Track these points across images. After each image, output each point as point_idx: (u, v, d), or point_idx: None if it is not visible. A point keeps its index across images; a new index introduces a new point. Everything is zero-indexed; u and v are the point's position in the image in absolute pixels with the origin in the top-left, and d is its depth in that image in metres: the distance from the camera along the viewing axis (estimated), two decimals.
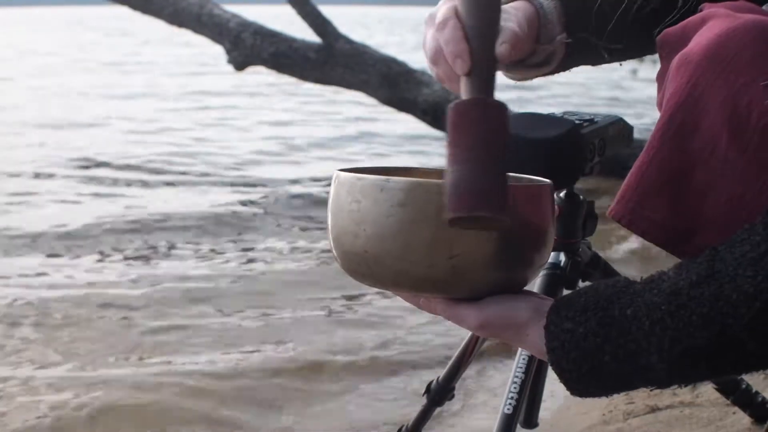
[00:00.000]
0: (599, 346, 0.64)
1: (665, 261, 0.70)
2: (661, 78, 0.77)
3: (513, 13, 0.75)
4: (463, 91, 0.67)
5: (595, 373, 0.65)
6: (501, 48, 0.68)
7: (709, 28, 0.71)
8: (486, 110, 0.65)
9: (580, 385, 0.66)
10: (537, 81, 0.89)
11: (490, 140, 0.64)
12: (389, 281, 0.69)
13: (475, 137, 0.64)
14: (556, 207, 0.74)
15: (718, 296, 0.59)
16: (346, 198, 0.69)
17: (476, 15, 0.68)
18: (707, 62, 0.68)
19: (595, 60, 0.87)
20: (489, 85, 0.67)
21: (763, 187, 0.66)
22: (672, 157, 0.70)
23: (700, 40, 0.71)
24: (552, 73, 0.85)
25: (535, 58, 0.81)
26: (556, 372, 0.67)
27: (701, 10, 0.76)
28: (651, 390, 0.68)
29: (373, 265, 0.68)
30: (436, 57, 0.73)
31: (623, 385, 0.66)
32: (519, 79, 0.86)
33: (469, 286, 0.68)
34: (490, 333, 0.71)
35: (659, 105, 0.75)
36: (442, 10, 0.71)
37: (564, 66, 0.85)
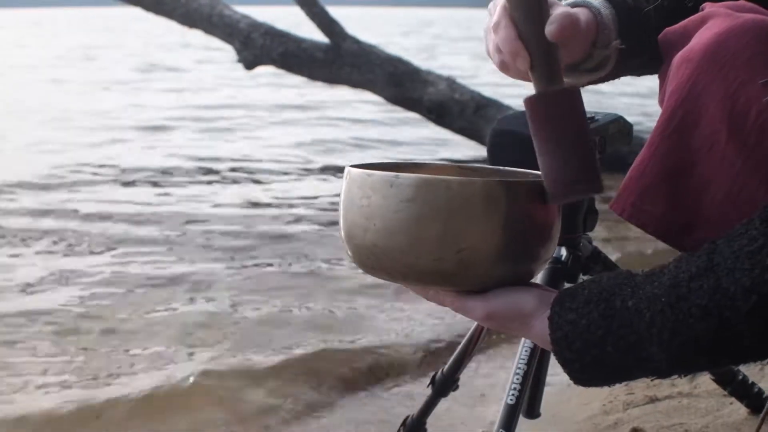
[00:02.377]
0: (602, 337, 0.65)
1: None
2: (663, 75, 0.79)
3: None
4: (533, 85, 0.72)
5: (597, 363, 0.66)
6: (549, 29, 0.70)
7: (710, 27, 0.72)
8: (548, 102, 0.70)
9: (583, 374, 0.68)
10: None
11: (561, 129, 0.69)
12: (398, 274, 0.70)
13: (547, 130, 0.69)
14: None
15: (716, 289, 0.61)
16: (356, 193, 0.70)
17: (522, 8, 0.70)
18: (707, 60, 0.69)
19: (641, 69, 0.88)
20: (552, 71, 0.71)
21: (760, 183, 0.67)
22: (672, 152, 0.71)
23: (700, 38, 0.72)
24: (603, 80, 0.87)
25: (589, 63, 0.82)
26: (559, 362, 0.68)
27: (702, 10, 0.78)
28: (651, 380, 0.68)
29: (382, 258, 0.69)
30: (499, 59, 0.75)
31: (625, 374, 0.68)
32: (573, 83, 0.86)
33: (476, 279, 0.69)
34: (497, 324, 0.72)
35: (661, 102, 0.76)
36: (495, 12, 0.73)
37: (614, 74, 0.86)
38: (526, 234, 0.69)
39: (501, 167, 0.82)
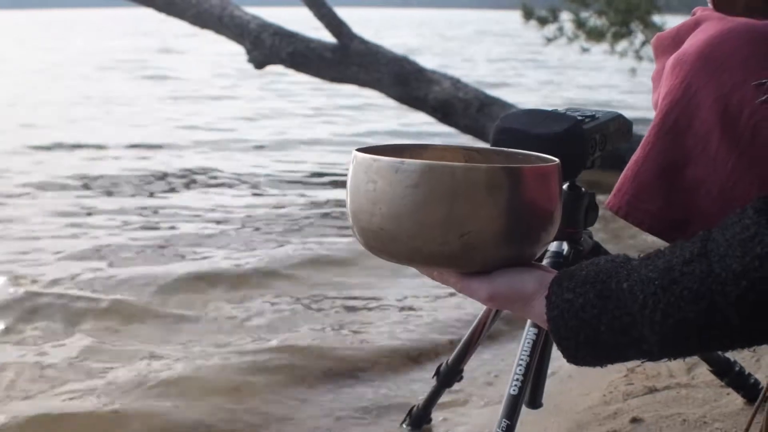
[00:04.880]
0: (596, 316, 0.66)
1: None
2: (656, 78, 0.81)
3: None
4: None
5: (591, 343, 0.68)
6: None
7: (703, 30, 0.75)
8: None
9: (577, 353, 0.69)
10: None
11: None
12: (404, 257, 0.72)
13: None
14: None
15: (708, 273, 0.62)
16: (363, 178, 0.71)
17: None
18: (701, 62, 0.72)
19: None
20: None
21: (752, 181, 0.70)
22: (666, 152, 0.74)
23: (694, 41, 0.75)
24: None
25: None
26: (554, 340, 0.70)
27: (694, 14, 0.81)
28: (643, 362, 0.69)
29: (388, 242, 0.71)
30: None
31: (617, 355, 0.69)
32: None
33: (479, 261, 0.71)
34: (499, 304, 0.74)
35: (654, 104, 0.79)
36: None
37: None
38: (529, 217, 0.70)
39: (505, 149, 0.83)
